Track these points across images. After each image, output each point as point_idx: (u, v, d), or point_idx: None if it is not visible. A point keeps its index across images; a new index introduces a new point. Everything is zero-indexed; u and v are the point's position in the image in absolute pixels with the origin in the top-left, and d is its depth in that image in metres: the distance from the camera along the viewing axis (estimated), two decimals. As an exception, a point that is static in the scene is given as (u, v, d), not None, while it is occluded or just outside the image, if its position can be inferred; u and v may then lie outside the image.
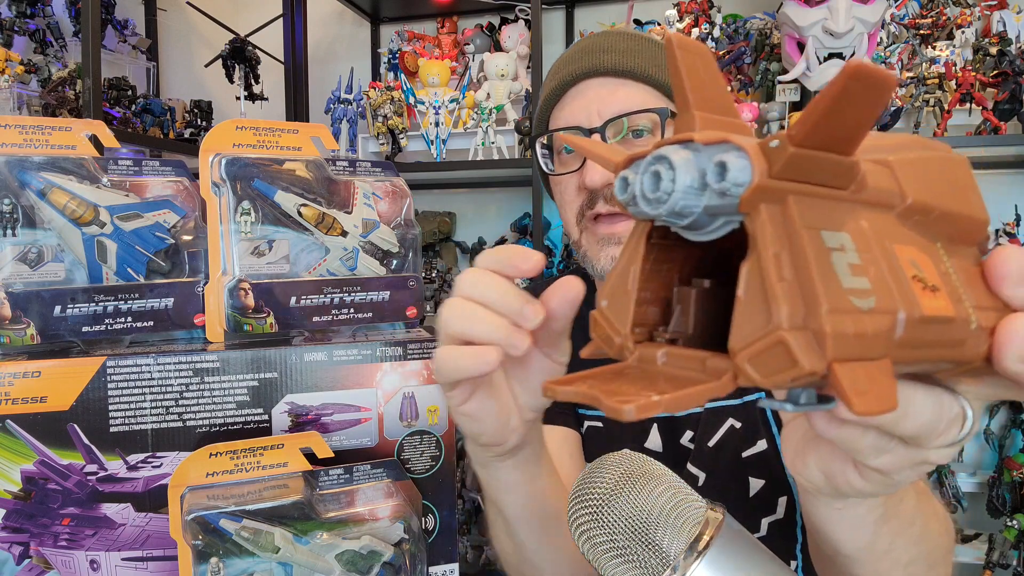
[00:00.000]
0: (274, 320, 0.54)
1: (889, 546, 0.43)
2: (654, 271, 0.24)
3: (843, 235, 0.20)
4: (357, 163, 0.59)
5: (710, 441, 0.71)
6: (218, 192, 0.53)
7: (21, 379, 0.46)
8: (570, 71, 0.72)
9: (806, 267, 0.19)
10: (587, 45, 0.73)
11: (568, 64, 0.73)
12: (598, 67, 0.70)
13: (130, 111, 1.81)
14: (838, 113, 0.18)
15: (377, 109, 1.80)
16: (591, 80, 0.71)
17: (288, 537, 0.46)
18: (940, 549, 0.48)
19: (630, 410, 0.19)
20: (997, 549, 1.49)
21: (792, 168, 0.19)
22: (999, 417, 1.72)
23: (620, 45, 0.72)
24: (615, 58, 0.70)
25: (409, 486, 0.53)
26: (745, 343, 0.19)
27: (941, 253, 0.22)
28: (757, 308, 0.19)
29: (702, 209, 0.20)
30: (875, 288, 0.19)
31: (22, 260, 0.50)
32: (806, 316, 0.18)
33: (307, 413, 0.52)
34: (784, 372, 0.19)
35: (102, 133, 0.54)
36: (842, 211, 0.20)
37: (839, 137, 0.19)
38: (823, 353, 0.18)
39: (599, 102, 0.70)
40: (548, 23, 1.97)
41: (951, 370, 0.24)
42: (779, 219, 0.19)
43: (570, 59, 0.73)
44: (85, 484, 0.48)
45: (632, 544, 0.36)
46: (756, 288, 0.19)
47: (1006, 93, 1.48)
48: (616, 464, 0.38)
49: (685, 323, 0.24)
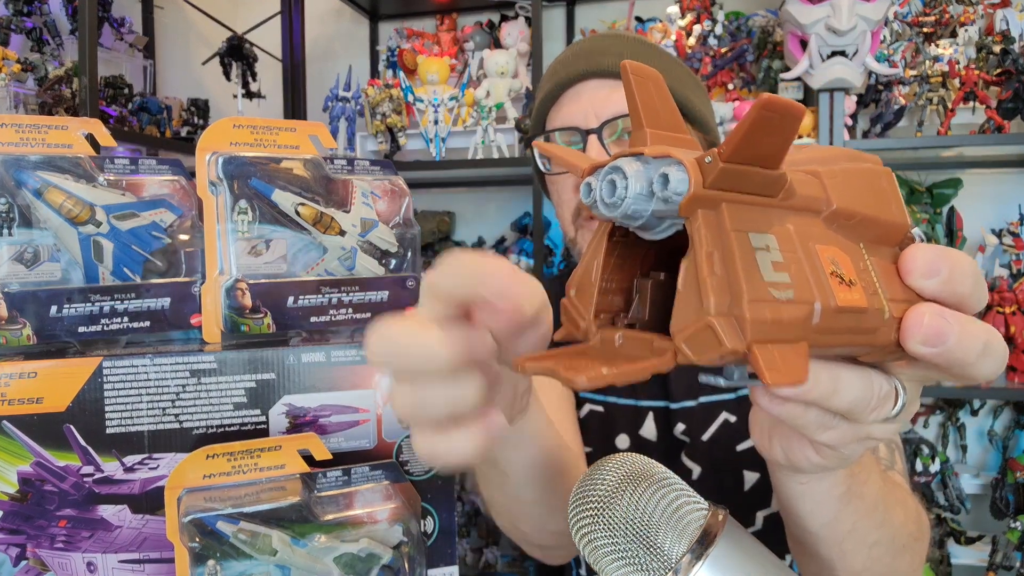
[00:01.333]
0: (271, 320, 0.54)
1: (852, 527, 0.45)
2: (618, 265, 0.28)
3: (769, 236, 0.23)
4: (355, 162, 0.59)
5: (704, 435, 0.72)
6: (215, 191, 0.53)
7: (17, 380, 0.46)
8: (567, 72, 0.72)
9: (733, 264, 0.22)
10: (584, 48, 0.74)
11: (565, 66, 0.73)
12: (595, 69, 0.71)
13: (127, 109, 1.80)
14: (755, 137, 0.21)
15: (376, 107, 1.79)
16: (588, 82, 0.72)
17: (286, 539, 0.46)
18: (905, 536, 0.50)
19: (581, 380, 0.22)
20: (1000, 551, 1.49)
21: (723, 180, 0.22)
22: (1003, 419, 1.72)
23: (617, 48, 0.72)
24: (612, 60, 0.71)
25: (408, 488, 0.52)
26: (682, 327, 0.23)
27: (863, 252, 0.26)
28: (693, 298, 0.23)
29: (651, 213, 0.24)
30: (794, 282, 0.23)
31: (18, 260, 0.49)
32: (731, 305, 0.22)
33: (305, 414, 0.52)
34: (712, 351, 0.22)
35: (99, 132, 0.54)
36: (771, 216, 0.24)
37: (761, 155, 0.22)
38: (744, 336, 0.22)
39: (596, 104, 0.70)
40: (548, 20, 1.97)
41: (871, 354, 0.27)
42: (713, 223, 0.23)
43: (567, 61, 0.74)
44: (82, 486, 0.47)
45: (634, 546, 0.36)
46: (692, 281, 0.23)
47: (1009, 92, 1.47)
48: (617, 466, 0.38)
49: (642, 310, 0.27)
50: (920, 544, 0.54)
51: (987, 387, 1.47)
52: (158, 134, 1.87)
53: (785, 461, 0.35)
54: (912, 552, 0.52)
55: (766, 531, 0.69)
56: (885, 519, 0.47)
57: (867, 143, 1.55)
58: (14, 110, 1.51)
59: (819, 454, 0.33)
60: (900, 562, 0.51)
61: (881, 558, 0.49)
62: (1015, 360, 1.47)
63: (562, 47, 1.98)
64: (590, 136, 0.69)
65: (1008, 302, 1.47)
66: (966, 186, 1.67)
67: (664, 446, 0.73)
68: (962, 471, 1.66)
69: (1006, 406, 1.68)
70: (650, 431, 0.74)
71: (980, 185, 1.72)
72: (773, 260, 0.23)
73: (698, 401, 0.72)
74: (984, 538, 1.57)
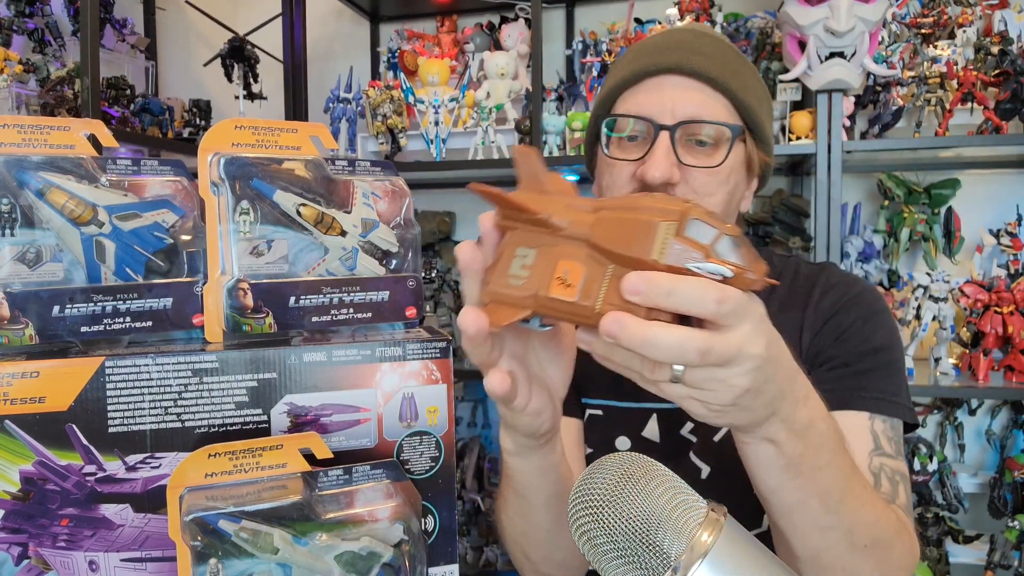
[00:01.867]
0: (273, 320, 0.54)
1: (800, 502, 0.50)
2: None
3: (531, 250, 0.39)
4: (356, 162, 0.59)
5: (715, 436, 0.71)
6: (217, 192, 0.53)
7: (19, 379, 0.46)
8: (653, 61, 0.71)
9: (496, 262, 0.40)
10: (676, 40, 0.72)
11: (651, 54, 0.71)
12: (683, 65, 0.69)
13: (129, 110, 1.81)
14: (501, 210, 0.41)
15: (376, 108, 1.80)
16: (672, 76, 0.70)
17: (287, 538, 0.46)
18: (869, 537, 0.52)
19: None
20: (998, 550, 1.49)
21: (506, 218, 0.41)
22: (1000, 418, 1.72)
23: (709, 49, 0.71)
24: (702, 62, 0.70)
25: (409, 487, 0.53)
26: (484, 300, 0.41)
27: (606, 271, 0.36)
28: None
29: None
30: (529, 277, 0.38)
31: (20, 260, 0.50)
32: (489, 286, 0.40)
33: (306, 414, 0.52)
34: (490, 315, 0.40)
35: (101, 132, 0.54)
36: (542, 238, 0.39)
37: (512, 213, 0.40)
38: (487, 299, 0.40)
39: (676, 100, 0.69)
40: (548, 22, 1.97)
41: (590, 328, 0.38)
42: (502, 239, 0.41)
43: (657, 48, 0.72)
44: (84, 485, 0.48)
45: (633, 545, 0.36)
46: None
47: (1007, 92, 1.47)
48: (616, 465, 0.38)
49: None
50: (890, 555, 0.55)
51: (984, 386, 1.47)
52: (160, 135, 1.87)
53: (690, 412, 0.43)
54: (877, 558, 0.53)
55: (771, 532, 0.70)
56: (842, 509, 0.50)
57: (865, 144, 1.55)
58: (16, 111, 1.51)
59: (689, 408, 0.42)
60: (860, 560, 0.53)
61: (835, 546, 0.51)
62: (1013, 360, 1.47)
63: (562, 48, 1.99)
64: (662, 132, 0.68)
65: (1006, 302, 1.47)
66: (964, 187, 1.68)
67: (668, 446, 0.73)
68: (960, 470, 1.66)
69: (1004, 405, 1.69)
70: (653, 432, 0.74)
71: (978, 186, 1.72)
72: (524, 263, 0.38)
73: None
74: (982, 537, 1.57)
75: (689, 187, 0.69)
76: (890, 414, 0.67)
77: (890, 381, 0.69)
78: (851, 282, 0.75)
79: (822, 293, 0.73)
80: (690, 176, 0.69)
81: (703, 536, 0.35)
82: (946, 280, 1.55)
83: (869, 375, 0.68)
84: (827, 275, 0.75)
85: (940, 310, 1.54)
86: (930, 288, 1.55)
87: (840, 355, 0.70)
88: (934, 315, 1.54)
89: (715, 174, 0.69)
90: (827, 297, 0.73)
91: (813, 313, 0.72)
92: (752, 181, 0.77)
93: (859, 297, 0.73)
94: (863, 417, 0.67)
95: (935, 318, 1.54)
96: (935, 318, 1.54)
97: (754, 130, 0.73)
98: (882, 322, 0.72)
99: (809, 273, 0.76)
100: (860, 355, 0.69)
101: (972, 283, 1.52)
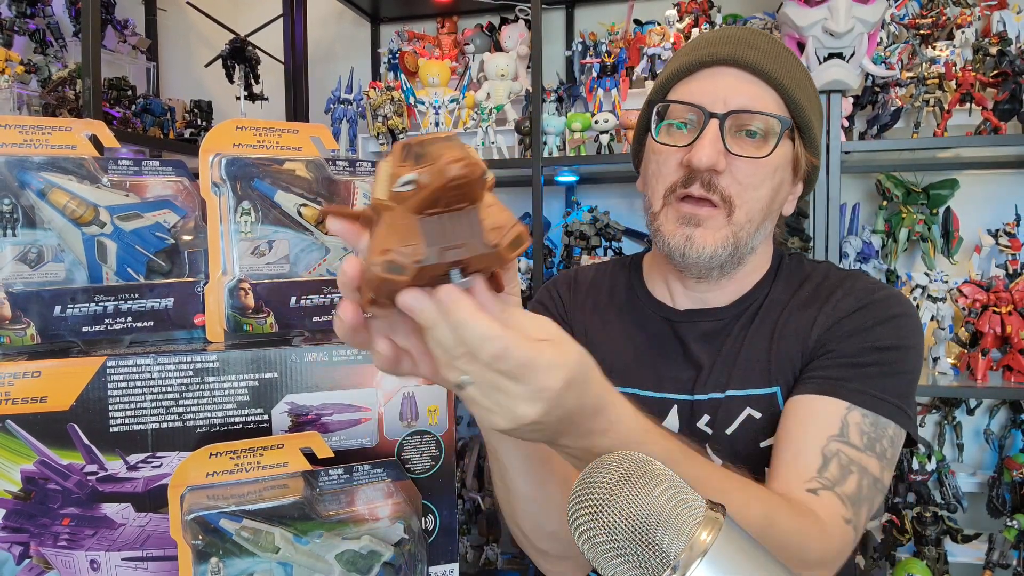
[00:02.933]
0: (274, 320, 0.54)
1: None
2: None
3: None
4: (357, 163, 0.59)
5: (728, 429, 0.72)
6: (218, 192, 0.53)
7: (21, 379, 0.46)
8: (710, 52, 0.72)
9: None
10: (732, 34, 0.74)
11: (709, 45, 0.73)
12: (738, 58, 0.71)
13: (130, 111, 1.81)
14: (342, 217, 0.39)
15: (377, 109, 1.80)
16: (727, 68, 0.72)
17: (288, 537, 0.47)
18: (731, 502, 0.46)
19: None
20: (997, 549, 1.50)
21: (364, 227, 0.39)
22: (999, 417, 1.72)
23: (763, 45, 0.73)
24: (756, 56, 0.71)
25: (409, 486, 0.53)
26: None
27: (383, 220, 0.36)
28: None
29: None
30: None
31: (22, 260, 0.50)
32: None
33: (307, 413, 0.52)
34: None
35: (102, 133, 0.54)
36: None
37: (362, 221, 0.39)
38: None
39: (729, 91, 0.70)
40: (548, 23, 1.97)
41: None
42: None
43: (713, 41, 0.74)
44: (85, 484, 0.48)
45: (632, 544, 0.36)
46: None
47: (1006, 93, 1.48)
48: (616, 464, 0.38)
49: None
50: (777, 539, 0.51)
51: (983, 386, 1.47)
52: (161, 136, 1.87)
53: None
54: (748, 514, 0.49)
55: None
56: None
57: (864, 144, 1.56)
58: (18, 111, 1.51)
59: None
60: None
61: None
62: (1012, 360, 1.48)
63: (562, 49, 1.99)
64: (712, 119, 0.69)
65: (1004, 302, 1.47)
66: (962, 187, 1.68)
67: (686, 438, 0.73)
68: (958, 470, 1.66)
69: (1002, 405, 1.69)
70: (673, 423, 0.74)
71: (976, 186, 1.73)
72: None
73: (726, 394, 0.72)
74: (981, 536, 1.57)
75: (734, 177, 0.70)
76: (873, 409, 0.66)
77: (888, 381, 0.68)
78: (877, 288, 0.74)
79: (844, 295, 0.73)
80: (735, 166, 0.70)
81: (702, 535, 0.35)
82: (944, 280, 1.55)
83: (866, 370, 0.68)
84: (853, 280, 0.76)
85: (939, 310, 1.54)
86: (928, 288, 1.55)
87: (844, 349, 0.69)
88: (932, 315, 1.54)
89: (761, 166, 0.70)
90: (848, 299, 0.73)
91: (830, 310, 0.72)
92: (797, 184, 0.77)
93: (881, 301, 0.72)
94: (838, 405, 0.66)
95: (933, 318, 1.55)
96: (933, 318, 1.55)
97: (803, 129, 0.74)
98: (900, 325, 0.71)
99: (837, 278, 0.76)
100: (863, 351, 0.69)
101: (970, 283, 1.52)
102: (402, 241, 0.34)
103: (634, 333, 0.79)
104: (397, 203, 0.34)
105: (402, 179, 0.33)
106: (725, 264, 0.72)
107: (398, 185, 0.33)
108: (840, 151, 1.50)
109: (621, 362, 0.78)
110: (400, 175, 0.33)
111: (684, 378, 0.75)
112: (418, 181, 0.33)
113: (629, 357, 0.78)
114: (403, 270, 0.34)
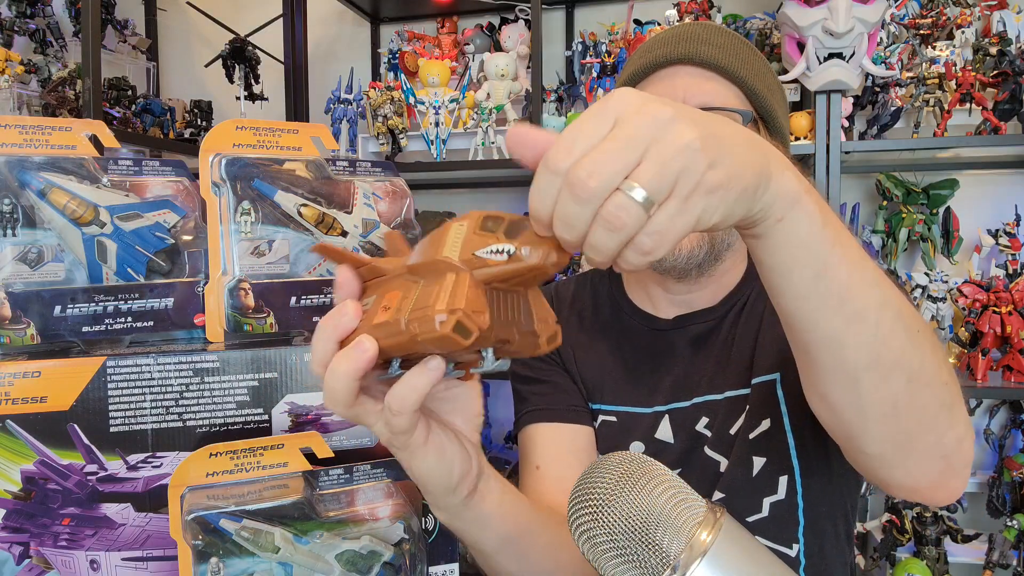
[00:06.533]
0: (274, 320, 0.54)
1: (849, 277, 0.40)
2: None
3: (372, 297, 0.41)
4: (357, 163, 0.59)
5: (732, 428, 0.71)
6: (218, 192, 0.53)
7: (21, 379, 0.46)
8: (664, 53, 0.72)
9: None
10: (685, 32, 0.74)
11: (663, 46, 0.73)
12: (692, 56, 0.71)
13: (130, 111, 1.81)
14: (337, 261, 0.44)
15: (377, 109, 1.80)
16: (683, 67, 0.71)
17: (288, 537, 0.47)
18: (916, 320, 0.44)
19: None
20: (997, 549, 1.50)
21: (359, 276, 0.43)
22: (999, 417, 1.72)
23: (717, 39, 0.72)
24: (711, 51, 0.71)
25: (409, 486, 0.53)
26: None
27: (419, 285, 0.37)
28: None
29: None
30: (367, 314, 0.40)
31: (22, 260, 0.50)
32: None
33: (307, 413, 0.52)
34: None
35: (102, 133, 0.54)
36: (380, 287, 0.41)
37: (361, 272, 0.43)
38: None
39: (687, 90, 0.70)
40: (548, 23, 1.97)
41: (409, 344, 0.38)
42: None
43: (665, 41, 0.73)
44: (85, 484, 0.48)
45: (632, 544, 0.36)
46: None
47: (1006, 93, 1.48)
48: (616, 464, 0.38)
49: None
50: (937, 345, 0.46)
51: (983, 386, 1.47)
52: (161, 136, 1.87)
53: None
54: (932, 343, 0.45)
55: (773, 519, 0.69)
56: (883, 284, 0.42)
57: (864, 144, 1.56)
58: (18, 111, 1.51)
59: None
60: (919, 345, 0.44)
61: (894, 328, 0.42)
62: (1012, 360, 1.48)
63: (562, 49, 1.99)
64: None
65: (1004, 302, 1.47)
66: (962, 187, 1.68)
67: (683, 444, 0.72)
68: (960, 471, 1.66)
69: (1002, 405, 1.69)
70: (666, 433, 0.73)
71: (976, 186, 1.73)
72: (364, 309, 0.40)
73: (724, 395, 0.72)
74: (981, 536, 1.57)
75: None
76: None
77: None
78: None
79: None
80: None
81: (702, 535, 0.36)
82: (944, 280, 1.55)
83: None
84: None
85: (938, 310, 1.54)
86: (928, 288, 1.55)
87: None
88: (932, 315, 1.54)
89: None
90: None
91: None
92: None
93: None
94: None
95: (933, 318, 1.55)
96: (933, 318, 1.55)
97: (767, 119, 0.73)
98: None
99: None
100: None
101: (970, 283, 1.52)
102: (470, 305, 0.34)
103: (622, 349, 0.78)
104: (470, 268, 0.35)
105: (493, 247, 0.34)
106: (704, 263, 0.72)
107: (486, 251, 0.34)
108: (840, 151, 1.50)
109: (611, 380, 0.77)
110: (488, 243, 0.34)
111: (678, 386, 0.75)
112: (515, 255, 0.34)
113: (619, 374, 0.77)
114: (469, 334, 0.34)
